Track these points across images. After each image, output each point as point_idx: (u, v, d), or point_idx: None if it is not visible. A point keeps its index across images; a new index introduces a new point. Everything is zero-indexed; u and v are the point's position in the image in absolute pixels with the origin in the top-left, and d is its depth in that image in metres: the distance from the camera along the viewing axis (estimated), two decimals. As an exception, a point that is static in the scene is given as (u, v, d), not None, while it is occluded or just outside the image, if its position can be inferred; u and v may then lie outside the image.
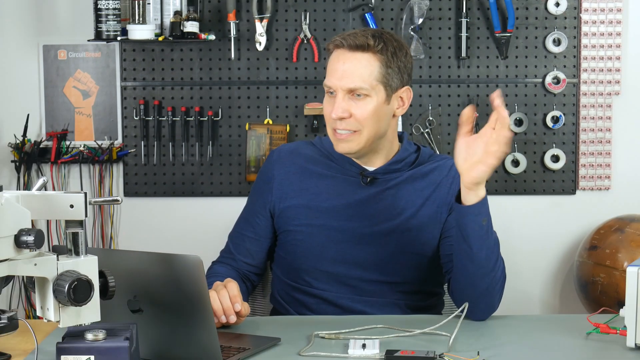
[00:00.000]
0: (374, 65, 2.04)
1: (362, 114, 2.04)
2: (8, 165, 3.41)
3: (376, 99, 2.05)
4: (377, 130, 2.07)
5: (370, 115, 2.04)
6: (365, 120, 2.04)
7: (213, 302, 1.84)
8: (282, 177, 2.20)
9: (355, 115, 2.04)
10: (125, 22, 3.22)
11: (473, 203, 1.89)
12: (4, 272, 1.39)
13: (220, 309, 1.86)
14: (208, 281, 1.97)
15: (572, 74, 3.35)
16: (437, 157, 2.20)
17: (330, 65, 2.07)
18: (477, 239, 1.91)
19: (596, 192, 3.41)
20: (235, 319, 1.87)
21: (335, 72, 2.05)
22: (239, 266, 2.21)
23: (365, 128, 2.05)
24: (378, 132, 2.08)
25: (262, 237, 2.21)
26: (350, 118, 2.04)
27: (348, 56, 2.04)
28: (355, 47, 2.04)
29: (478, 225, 1.90)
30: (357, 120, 2.04)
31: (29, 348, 1.72)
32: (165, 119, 3.37)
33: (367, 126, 2.05)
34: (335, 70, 2.05)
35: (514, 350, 1.75)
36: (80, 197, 1.44)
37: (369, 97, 2.04)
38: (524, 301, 3.44)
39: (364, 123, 2.05)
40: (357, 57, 2.04)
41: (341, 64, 2.04)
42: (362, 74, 2.03)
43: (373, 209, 2.13)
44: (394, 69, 2.06)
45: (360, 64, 2.03)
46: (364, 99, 2.04)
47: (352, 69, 2.03)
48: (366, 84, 2.03)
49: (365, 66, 2.03)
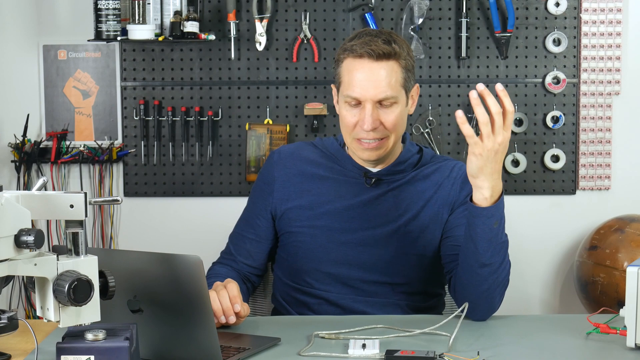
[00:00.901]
0: (398, 71, 2.04)
1: (392, 122, 2.05)
2: (8, 165, 3.41)
3: (401, 104, 2.06)
4: (401, 133, 2.11)
5: (398, 121, 2.06)
6: (394, 127, 2.06)
7: (213, 302, 1.83)
8: (283, 178, 2.19)
9: (385, 123, 2.04)
10: (125, 22, 3.22)
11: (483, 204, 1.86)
12: (4, 272, 1.39)
13: (219, 310, 1.86)
14: (208, 281, 1.97)
15: (572, 74, 3.35)
16: (439, 158, 2.20)
17: (352, 75, 2.04)
18: (485, 240, 1.89)
19: (596, 192, 3.41)
20: (235, 319, 1.87)
21: (362, 82, 2.02)
22: (240, 267, 2.21)
23: (393, 134, 2.07)
24: (401, 135, 2.12)
25: (263, 238, 2.21)
26: (379, 127, 2.05)
27: (373, 66, 2.02)
28: (380, 56, 2.02)
29: (488, 227, 1.88)
30: (387, 128, 2.05)
31: (29, 348, 1.72)
32: (165, 119, 3.37)
33: (395, 131, 2.07)
34: (361, 80, 2.03)
35: (514, 350, 1.75)
36: (80, 197, 1.44)
37: (396, 104, 2.05)
38: (524, 301, 3.44)
39: (393, 130, 2.06)
40: (382, 65, 2.02)
41: (368, 74, 2.02)
42: (389, 83, 2.02)
43: (375, 210, 2.12)
44: (410, 70, 2.08)
45: (387, 73, 2.02)
46: (392, 106, 2.05)
47: (380, 79, 2.02)
48: (394, 91, 2.03)
49: (390, 74, 2.03)
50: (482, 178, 1.84)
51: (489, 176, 1.84)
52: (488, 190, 1.85)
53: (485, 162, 1.81)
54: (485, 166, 1.82)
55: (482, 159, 1.81)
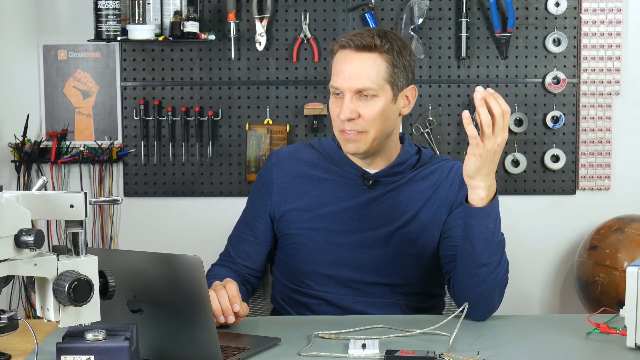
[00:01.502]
0: (381, 65, 2.04)
1: (370, 115, 2.04)
2: (8, 165, 3.41)
3: (384, 99, 2.05)
4: (385, 129, 2.08)
5: (378, 116, 2.04)
6: (373, 121, 2.05)
7: (212, 302, 1.83)
8: (281, 180, 2.19)
9: (364, 115, 2.04)
10: (125, 22, 3.22)
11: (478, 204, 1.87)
12: (4, 272, 1.39)
13: (219, 309, 1.86)
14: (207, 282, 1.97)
15: (572, 74, 3.35)
16: (437, 158, 2.20)
17: (336, 66, 2.07)
18: (482, 240, 1.90)
19: (596, 192, 3.41)
20: (234, 319, 1.87)
21: (342, 73, 2.04)
22: (239, 269, 2.21)
23: (372, 128, 2.05)
24: (385, 132, 2.09)
25: (262, 240, 2.21)
26: (358, 119, 2.04)
27: (355, 57, 2.04)
28: (361, 48, 2.03)
29: (485, 227, 1.88)
30: (365, 120, 2.04)
31: (29, 348, 1.72)
32: (165, 119, 3.37)
33: (375, 126, 2.05)
34: (342, 71, 2.05)
35: (514, 350, 1.75)
36: (80, 197, 1.44)
37: (377, 97, 2.04)
38: (524, 301, 3.44)
39: (372, 124, 2.05)
40: (363, 57, 2.04)
41: (348, 64, 2.04)
42: (369, 74, 2.03)
43: (374, 212, 2.12)
44: (400, 67, 2.06)
45: (367, 64, 2.03)
46: (372, 99, 2.04)
47: (360, 70, 2.03)
48: (374, 84, 2.03)
49: (372, 66, 2.03)
50: (479, 178, 1.86)
51: (486, 176, 1.85)
52: (484, 190, 1.87)
53: (484, 163, 1.83)
54: (483, 166, 1.84)
55: (481, 160, 1.82)
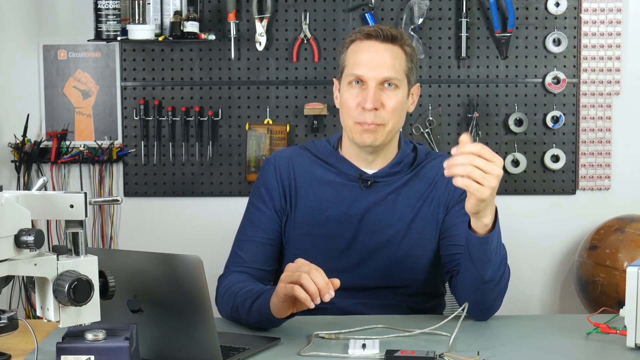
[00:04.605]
0: (402, 57, 2.08)
1: (393, 105, 2.06)
2: (8, 165, 3.41)
3: (402, 92, 2.08)
4: (399, 123, 2.11)
5: (398, 107, 2.07)
6: (394, 112, 2.06)
7: (307, 285, 1.73)
8: (281, 186, 2.16)
9: (386, 105, 2.05)
10: (125, 22, 3.22)
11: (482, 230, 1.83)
12: (4, 272, 1.39)
13: (316, 292, 1.72)
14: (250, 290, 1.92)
15: (572, 74, 3.35)
16: (433, 154, 2.20)
17: (357, 56, 2.08)
18: (485, 262, 1.88)
19: (596, 192, 3.41)
20: (333, 294, 1.75)
21: (368, 62, 2.06)
22: (254, 273, 2.13)
23: (391, 120, 2.07)
24: (398, 126, 2.11)
25: (274, 242, 2.16)
26: (379, 110, 2.05)
27: (380, 47, 2.07)
28: (388, 39, 2.07)
29: (488, 251, 1.86)
30: (386, 111, 2.05)
31: (29, 348, 1.72)
32: (165, 119, 3.37)
33: (393, 118, 2.07)
34: (367, 60, 2.06)
35: (514, 350, 1.75)
36: (80, 197, 1.44)
37: (398, 89, 2.07)
38: (524, 301, 3.44)
39: (392, 115, 2.06)
40: (388, 48, 2.07)
41: (375, 53, 2.06)
42: (394, 64, 2.06)
43: (374, 216, 2.11)
44: (414, 63, 2.11)
45: (392, 55, 2.07)
46: (394, 90, 2.06)
47: (386, 59, 2.06)
48: (398, 74, 2.06)
49: (395, 57, 2.07)
50: (483, 212, 1.80)
51: (488, 207, 1.80)
52: (489, 217, 1.82)
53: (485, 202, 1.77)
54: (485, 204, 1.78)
55: (481, 203, 1.77)
